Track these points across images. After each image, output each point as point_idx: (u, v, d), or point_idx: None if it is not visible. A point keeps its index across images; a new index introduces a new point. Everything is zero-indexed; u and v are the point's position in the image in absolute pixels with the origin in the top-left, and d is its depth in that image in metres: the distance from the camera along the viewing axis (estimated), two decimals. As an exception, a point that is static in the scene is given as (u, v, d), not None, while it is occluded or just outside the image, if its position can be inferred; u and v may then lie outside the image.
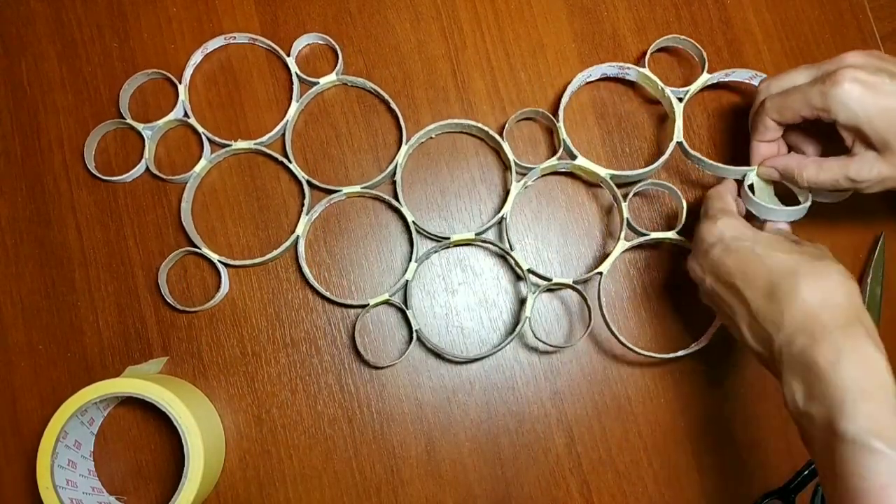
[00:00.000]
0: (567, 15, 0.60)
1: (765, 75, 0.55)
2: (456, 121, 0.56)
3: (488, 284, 0.56)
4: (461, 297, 0.56)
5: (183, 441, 0.48)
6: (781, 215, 0.49)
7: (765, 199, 0.50)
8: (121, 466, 0.54)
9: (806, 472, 0.52)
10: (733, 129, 0.58)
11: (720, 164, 0.52)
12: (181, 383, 0.54)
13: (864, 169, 0.44)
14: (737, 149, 0.57)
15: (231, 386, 0.55)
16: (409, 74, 0.58)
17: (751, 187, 0.50)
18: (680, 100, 0.55)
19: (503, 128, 0.56)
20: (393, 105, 0.56)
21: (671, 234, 0.54)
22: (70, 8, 0.59)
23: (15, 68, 0.58)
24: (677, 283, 0.56)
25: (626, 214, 0.53)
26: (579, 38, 0.59)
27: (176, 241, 0.56)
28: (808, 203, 0.49)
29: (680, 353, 0.52)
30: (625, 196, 0.54)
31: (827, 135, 0.48)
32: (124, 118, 0.57)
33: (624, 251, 0.54)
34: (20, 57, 0.58)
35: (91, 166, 0.56)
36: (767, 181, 0.51)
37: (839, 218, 0.56)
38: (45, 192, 0.57)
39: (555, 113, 0.56)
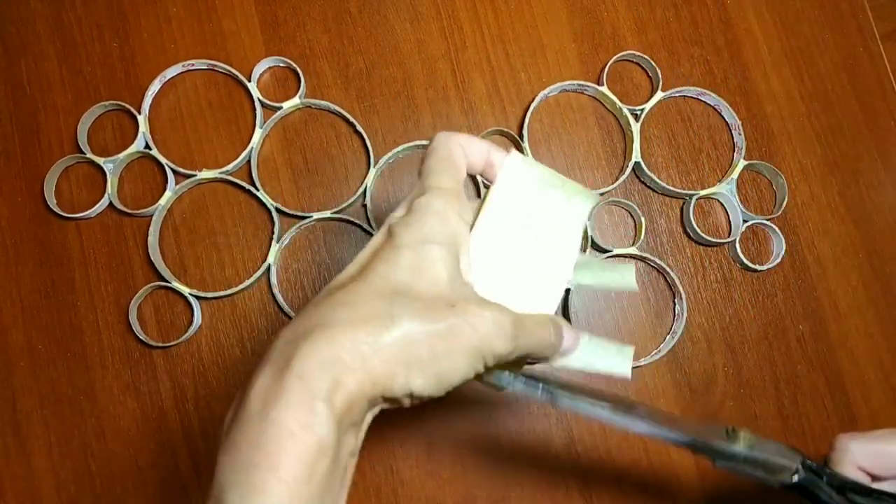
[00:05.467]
0: (567, 15, 0.60)
1: (710, 93, 0.56)
2: (423, 142, 0.56)
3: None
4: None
5: None
6: None
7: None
8: (121, 466, 0.54)
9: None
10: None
11: (670, 186, 0.56)
12: None
13: None
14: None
15: (231, 386, 0.55)
16: (409, 74, 0.58)
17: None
18: (636, 118, 0.56)
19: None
20: (359, 127, 0.56)
21: (632, 250, 0.55)
22: (70, 8, 0.59)
23: (15, 68, 0.58)
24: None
25: (589, 233, 0.55)
26: (579, 38, 0.59)
27: (144, 275, 0.56)
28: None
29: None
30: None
31: None
32: (84, 153, 0.56)
33: None
34: (20, 57, 0.58)
35: (52, 204, 0.55)
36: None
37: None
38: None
39: (520, 132, 0.56)
